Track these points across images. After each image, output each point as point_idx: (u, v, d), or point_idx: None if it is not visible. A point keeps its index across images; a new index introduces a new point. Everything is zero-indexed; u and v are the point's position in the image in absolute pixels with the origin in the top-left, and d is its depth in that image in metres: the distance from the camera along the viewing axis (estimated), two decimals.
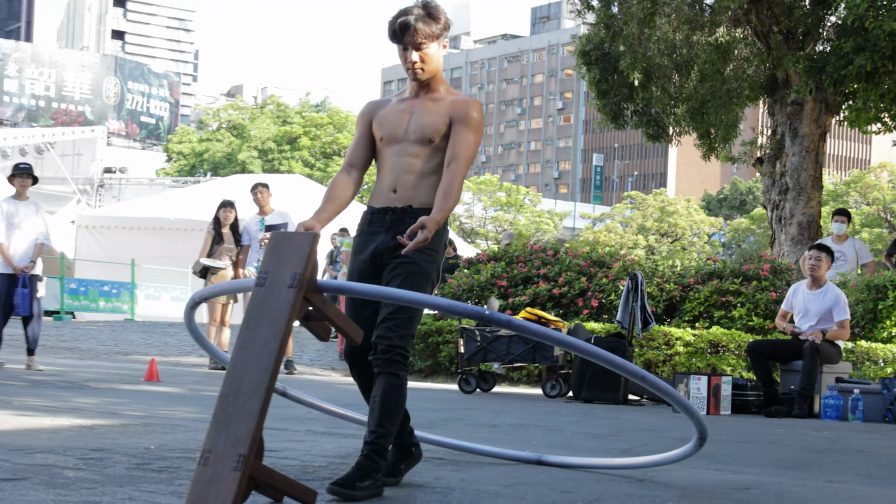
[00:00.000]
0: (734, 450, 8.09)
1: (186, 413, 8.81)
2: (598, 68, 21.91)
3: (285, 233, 4.73)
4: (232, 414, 4.33)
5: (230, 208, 15.69)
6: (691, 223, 77.20)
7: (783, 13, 20.02)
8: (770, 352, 12.51)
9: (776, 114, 21.10)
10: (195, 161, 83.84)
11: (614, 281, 15.75)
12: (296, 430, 7.66)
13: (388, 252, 5.26)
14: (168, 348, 19.48)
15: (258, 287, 4.63)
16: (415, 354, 16.20)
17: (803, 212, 20.34)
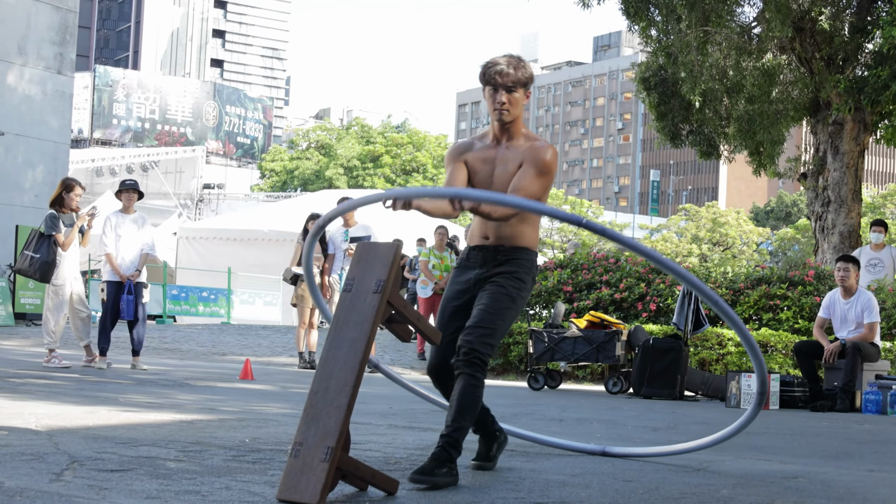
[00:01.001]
0: (782, 442, 8.00)
1: (278, 409, 8.84)
2: (658, 92, 21.85)
3: (371, 243, 4.75)
4: (321, 409, 4.34)
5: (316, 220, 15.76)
6: (741, 233, 76.53)
7: (825, 41, 19.83)
8: (815, 351, 12.42)
9: (818, 133, 20.90)
10: (286, 178, 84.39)
11: (671, 286, 15.64)
12: (378, 424, 7.66)
13: (482, 282, 5.36)
14: (261, 349, 19.58)
15: (346, 292, 4.65)
16: None
17: (844, 222, 20.15)
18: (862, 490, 5.30)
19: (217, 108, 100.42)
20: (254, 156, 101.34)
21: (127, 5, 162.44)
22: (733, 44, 19.95)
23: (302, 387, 11.47)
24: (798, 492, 5.13)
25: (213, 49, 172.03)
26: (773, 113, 20.78)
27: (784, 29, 18.34)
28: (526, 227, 5.38)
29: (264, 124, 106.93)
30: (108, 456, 5.17)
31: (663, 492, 4.93)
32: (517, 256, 5.36)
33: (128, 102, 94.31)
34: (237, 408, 8.57)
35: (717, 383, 13.14)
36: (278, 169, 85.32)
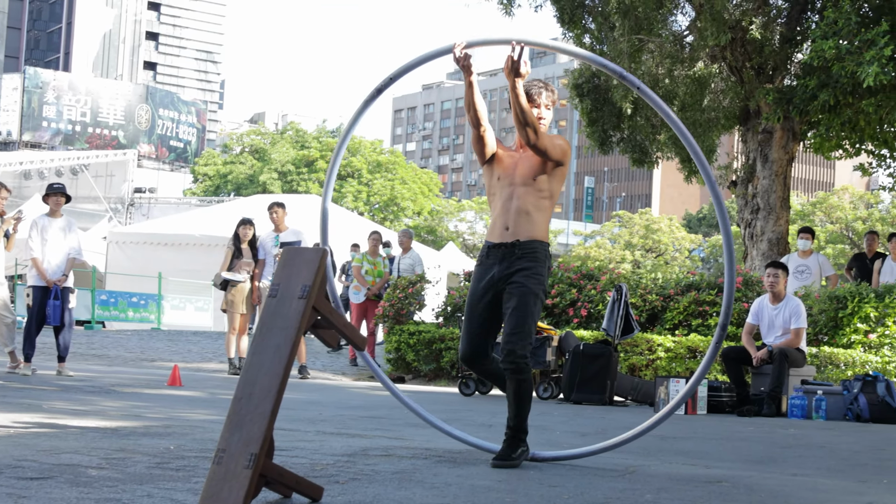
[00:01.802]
0: (708, 446, 8.08)
1: (206, 415, 8.79)
2: (590, 99, 21.97)
3: (297, 248, 4.73)
4: (245, 416, 4.32)
5: (249, 225, 15.67)
6: (673, 240, 77.13)
7: (755, 50, 20.05)
8: (742, 357, 12.57)
9: (748, 141, 21.13)
10: (219, 182, 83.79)
11: (602, 292, 15.73)
12: (307, 430, 7.64)
13: (503, 280, 6.11)
14: (191, 355, 19.45)
15: (271, 298, 4.63)
16: (419, 359, 16.20)
17: (773, 230, 20.38)
18: (784, 494, 5.37)
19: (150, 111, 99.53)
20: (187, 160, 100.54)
21: (58, 6, 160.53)
22: (666, 52, 20.11)
23: (231, 393, 11.37)
24: (721, 496, 5.18)
25: (147, 51, 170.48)
26: (705, 121, 20.95)
27: (720, 37, 18.52)
28: (540, 219, 6.16)
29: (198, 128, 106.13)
30: (29, 464, 5.11)
31: (588, 496, 4.96)
32: (532, 249, 6.10)
33: (58, 105, 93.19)
34: (163, 414, 8.51)
35: (646, 388, 13.25)
36: (211, 173, 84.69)
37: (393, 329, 16.73)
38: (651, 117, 21.85)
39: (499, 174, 6.25)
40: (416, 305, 17.32)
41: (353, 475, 5.29)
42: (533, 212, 6.13)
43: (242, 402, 4.37)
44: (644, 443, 7.67)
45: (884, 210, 64.11)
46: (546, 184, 6.18)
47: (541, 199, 6.17)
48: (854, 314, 14.23)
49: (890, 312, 14.20)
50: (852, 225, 62.52)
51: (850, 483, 5.97)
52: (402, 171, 79.58)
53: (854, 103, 17.33)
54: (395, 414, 9.70)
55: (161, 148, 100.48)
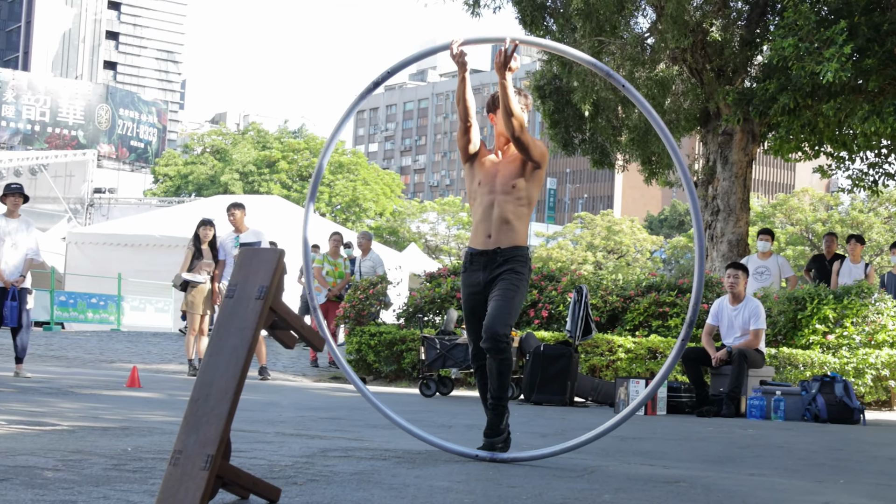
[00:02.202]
0: (667, 447, 8.11)
1: (164, 417, 8.74)
2: (553, 101, 22.01)
3: (254, 248, 4.71)
4: (201, 417, 4.30)
5: (209, 226, 15.61)
6: (635, 241, 77.39)
7: (715, 52, 20.15)
8: (702, 358, 12.63)
9: (709, 143, 21.23)
10: (180, 182, 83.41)
11: (563, 293, 15.76)
12: (266, 431, 7.61)
13: (489, 283, 6.55)
14: (150, 356, 19.35)
15: (228, 299, 4.61)
16: (380, 361, 16.18)
17: (733, 231, 20.49)
18: (741, 493, 5.39)
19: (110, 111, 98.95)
20: (147, 160, 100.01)
21: (17, 5, 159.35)
22: (627, 54, 20.17)
23: (189, 395, 11.33)
24: (679, 496, 5.20)
25: (107, 51, 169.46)
26: (666, 123, 21.03)
27: (681, 39, 18.60)
28: (520, 226, 6.54)
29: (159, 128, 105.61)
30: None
31: (546, 497, 4.97)
32: (514, 255, 6.51)
33: (17, 104, 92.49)
34: (121, 416, 8.46)
35: (606, 389, 13.28)
36: (172, 174, 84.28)
37: (354, 330, 16.71)
38: (612, 119, 21.92)
39: (480, 179, 6.61)
40: (382, 305, 17.31)
41: (311, 476, 5.28)
42: (513, 220, 6.52)
43: (199, 403, 4.35)
44: (603, 443, 7.69)
45: (843, 212, 64.56)
46: (525, 190, 6.55)
47: (520, 207, 6.55)
48: (813, 315, 14.34)
49: (848, 314, 14.32)
50: (812, 227, 62.95)
51: (807, 483, 6.01)
52: (365, 172, 79.48)
53: (813, 106, 17.45)
54: (356, 415, 9.69)
55: (121, 148, 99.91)
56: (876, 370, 13.71)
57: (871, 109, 16.41)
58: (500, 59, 6.43)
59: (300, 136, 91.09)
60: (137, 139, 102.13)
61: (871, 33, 16.34)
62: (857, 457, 7.89)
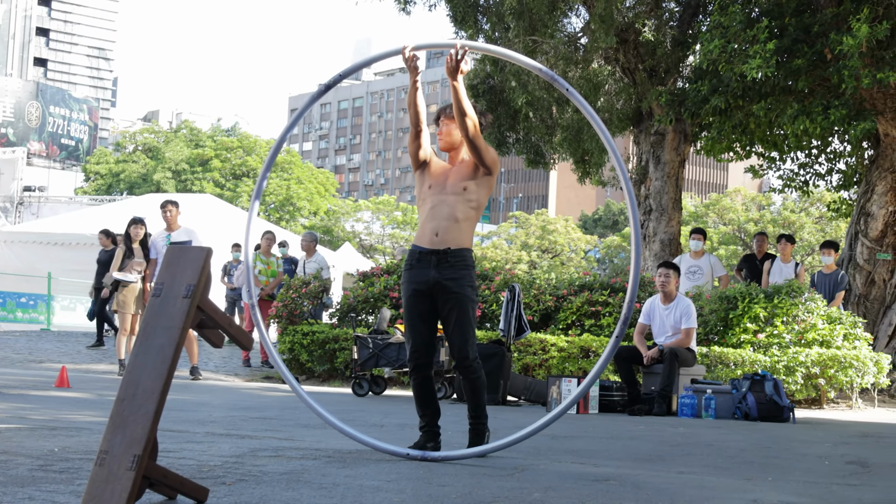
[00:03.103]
0: (598, 445, 8.15)
1: (92, 417, 8.65)
2: (486, 100, 22.04)
3: (181, 247, 4.68)
4: (128, 416, 4.26)
5: (140, 225, 15.50)
6: (569, 241, 77.73)
7: (647, 53, 20.30)
8: (633, 356, 12.72)
9: (641, 143, 21.39)
10: (112, 181, 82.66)
11: (496, 293, 15.81)
12: (196, 432, 7.56)
13: (439, 286, 6.51)
14: (80, 356, 19.15)
15: (154, 297, 4.57)
16: (313, 360, 16.13)
17: (665, 231, 20.64)
18: (670, 491, 5.43)
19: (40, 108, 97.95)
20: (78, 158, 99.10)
21: None
22: (560, 53, 20.26)
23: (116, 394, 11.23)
24: (608, 494, 5.23)
25: (37, 48, 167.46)
26: None
27: (608, 39, 18.69)
28: (468, 228, 6.55)
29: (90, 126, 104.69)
30: None
31: (476, 496, 4.98)
32: (462, 256, 6.52)
33: None
34: (49, 416, 8.36)
35: (539, 388, 13.33)
36: (104, 172, 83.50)
37: (287, 330, 16.64)
38: (546, 118, 22.01)
39: (430, 182, 6.64)
40: (323, 307, 17.27)
41: (240, 476, 5.25)
42: (461, 220, 6.53)
43: (125, 402, 4.32)
44: (534, 442, 7.72)
45: (775, 212, 65.23)
46: (475, 193, 6.57)
47: (469, 209, 6.56)
48: (744, 314, 14.49)
49: (778, 313, 14.49)
50: (744, 226, 63.56)
51: (736, 481, 6.07)
52: (298, 171, 79.23)
53: (745, 106, 17.62)
54: (287, 415, 9.65)
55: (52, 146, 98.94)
56: (806, 368, 13.87)
57: (800, 109, 16.60)
58: (450, 63, 6.46)
59: (233, 134, 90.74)
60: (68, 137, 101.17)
61: (800, 34, 16.53)
62: (785, 454, 7.98)
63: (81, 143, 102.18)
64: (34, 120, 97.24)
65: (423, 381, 6.69)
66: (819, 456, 7.88)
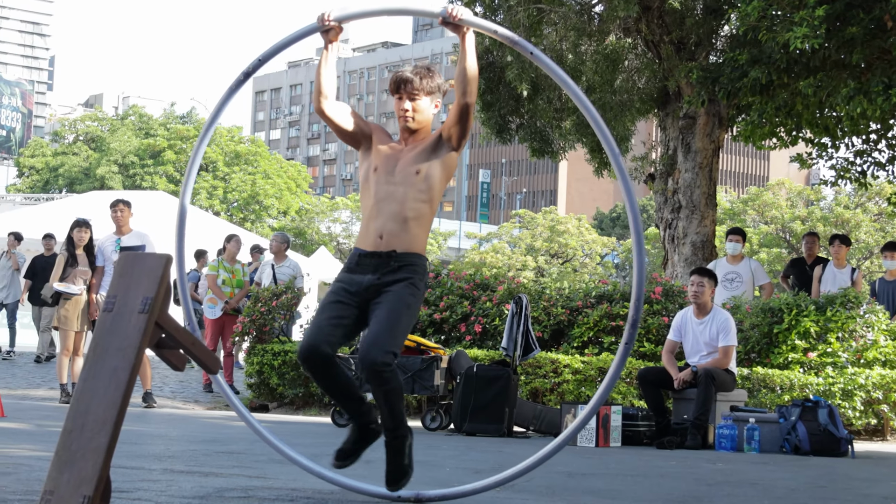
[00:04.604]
0: (623, 484, 8.14)
1: (31, 451, 8.64)
2: (484, 79, 22.00)
3: (136, 254, 4.67)
4: (76, 451, 4.27)
5: (85, 228, 15.47)
6: (583, 243, 77.80)
7: (674, 22, 20.26)
8: (661, 379, 12.64)
9: (668, 128, 21.34)
10: (49, 176, 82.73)
11: (499, 305, 15.77)
12: (152, 468, 7.55)
13: (374, 288, 6.19)
14: (15, 380, 19.14)
15: (106, 313, 4.57)
16: (285, 384, 16.10)
17: (697, 231, 20.59)
18: None
19: None
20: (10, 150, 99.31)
21: None
22: (571, 24, 20.26)
23: (62, 425, 11.24)
24: None
25: None
26: (617, 104, 21.11)
27: (628, 7, 18.68)
28: (420, 232, 6.29)
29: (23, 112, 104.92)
30: None
31: None
32: (410, 262, 6.22)
33: None
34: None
35: (550, 417, 13.31)
36: (39, 166, 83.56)
37: (254, 349, 16.61)
38: (554, 100, 21.96)
39: (376, 164, 6.37)
40: (285, 318, 17.17)
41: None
42: (411, 219, 6.27)
43: (73, 435, 4.32)
44: (548, 480, 7.71)
45: (826, 208, 65.18)
46: (429, 180, 6.30)
47: (421, 204, 6.29)
48: (791, 329, 14.43)
49: (832, 327, 14.41)
50: (789, 225, 63.57)
51: None
52: (265, 164, 79.23)
53: (790, 84, 17.53)
54: (256, 448, 9.63)
55: None
56: (866, 392, 13.76)
57: (856, 87, 16.50)
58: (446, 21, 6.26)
59: (189, 121, 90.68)
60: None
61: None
62: (844, 495, 7.99)
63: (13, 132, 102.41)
64: None
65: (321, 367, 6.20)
66: (884, 497, 7.88)
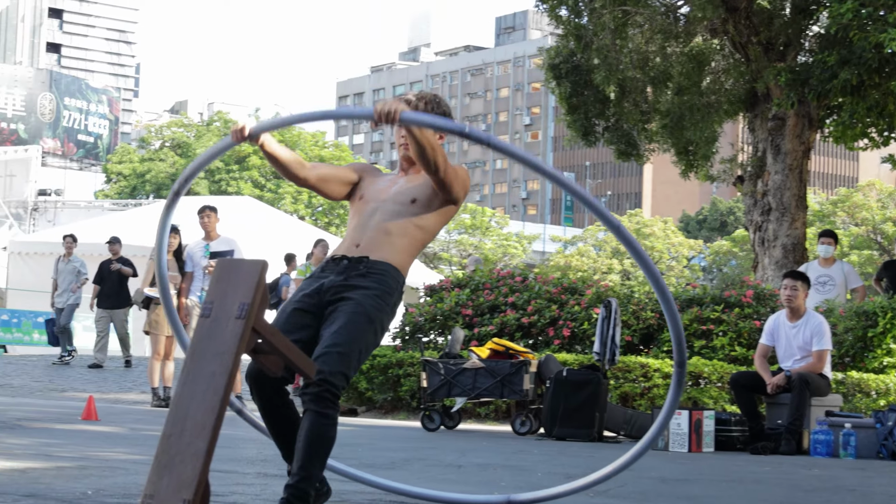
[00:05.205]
0: (717, 490, 8.07)
1: (126, 454, 8.72)
2: (569, 82, 21.95)
3: (232, 260, 4.68)
4: (175, 455, 4.27)
5: (174, 233, 15.59)
6: (669, 246, 77.43)
7: (762, 23, 20.10)
8: (755, 384, 12.51)
9: (757, 129, 21.17)
10: (136, 182, 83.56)
11: (587, 309, 15.70)
12: (246, 472, 7.58)
13: (334, 289, 5.31)
14: (108, 384, 19.34)
15: (204, 318, 4.58)
16: (373, 388, 16.12)
17: (787, 233, 20.40)
18: None
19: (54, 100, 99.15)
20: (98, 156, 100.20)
21: None
22: (657, 26, 20.16)
23: (154, 429, 11.32)
24: None
25: (49, 31, 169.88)
26: (704, 106, 20.98)
27: (712, 9, 18.54)
28: (404, 247, 5.47)
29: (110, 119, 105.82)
30: None
31: None
32: (381, 271, 5.36)
33: None
34: (78, 453, 8.45)
35: (641, 421, 13.22)
36: (127, 172, 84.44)
37: None
38: (640, 102, 21.87)
39: (363, 194, 5.68)
40: None
41: None
42: (395, 233, 5.48)
43: (172, 439, 4.33)
44: (641, 485, 7.66)
45: None
46: (426, 211, 5.59)
47: (410, 224, 5.54)
48: (886, 333, 14.26)
49: None
50: (880, 227, 62.79)
51: None
52: None
53: (882, 84, 17.35)
54: (346, 452, 9.64)
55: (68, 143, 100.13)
56: None
57: None
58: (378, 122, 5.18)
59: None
60: (86, 132, 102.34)
61: None
62: None
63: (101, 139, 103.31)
64: (48, 114, 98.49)
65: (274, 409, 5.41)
66: None
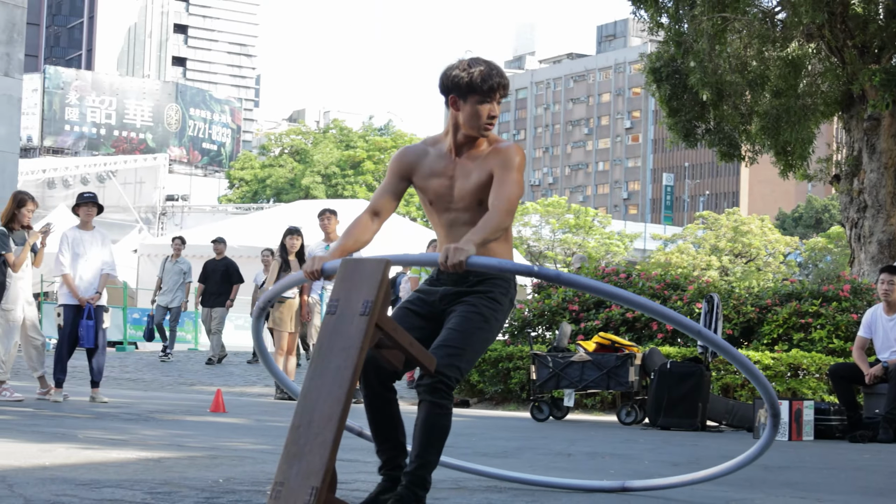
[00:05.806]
0: (819, 477, 7.98)
1: (254, 445, 8.81)
2: (669, 85, 21.83)
3: (356, 259, 4.71)
4: (304, 445, 4.31)
5: (296, 235, 15.71)
6: (766, 243, 76.48)
7: (857, 27, 19.83)
8: (853, 375, 12.38)
9: (852, 130, 20.91)
10: (258, 187, 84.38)
11: (689, 303, 15.60)
12: (367, 461, 7.61)
13: (450, 297, 5.24)
14: (233, 378, 19.54)
15: (329, 315, 4.62)
16: (485, 380, 16.15)
17: (883, 230, 20.12)
18: None
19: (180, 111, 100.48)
20: (221, 163, 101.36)
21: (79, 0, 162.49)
22: (755, 31, 19.96)
23: (279, 420, 11.44)
24: None
25: (175, 46, 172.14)
26: (801, 108, 20.76)
27: (816, 14, 18.30)
28: (500, 249, 5.29)
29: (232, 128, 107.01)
30: (68, 499, 5.14)
31: None
32: (492, 276, 5.23)
33: (81, 106, 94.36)
34: (208, 444, 8.54)
35: (743, 412, 13.10)
36: (248, 177, 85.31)
37: None
38: (739, 105, 21.68)
39: (431, 199, 5.43)
40: None
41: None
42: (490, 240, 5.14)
43: (301, 430, 4.36)
44: (745, 472, 7.57)
45: None
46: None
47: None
48: None
49: None
50: None
51: None
52: None
53: None
54: (461, 442, 9.64)
55: (193, 151, 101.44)
56: None
57: None
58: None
59: (387, 133, 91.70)
60: (210, 141, 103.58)
61: None
62: None
63: (224, 147, 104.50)
64: (174, 124, 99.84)
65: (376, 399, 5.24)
66: None
